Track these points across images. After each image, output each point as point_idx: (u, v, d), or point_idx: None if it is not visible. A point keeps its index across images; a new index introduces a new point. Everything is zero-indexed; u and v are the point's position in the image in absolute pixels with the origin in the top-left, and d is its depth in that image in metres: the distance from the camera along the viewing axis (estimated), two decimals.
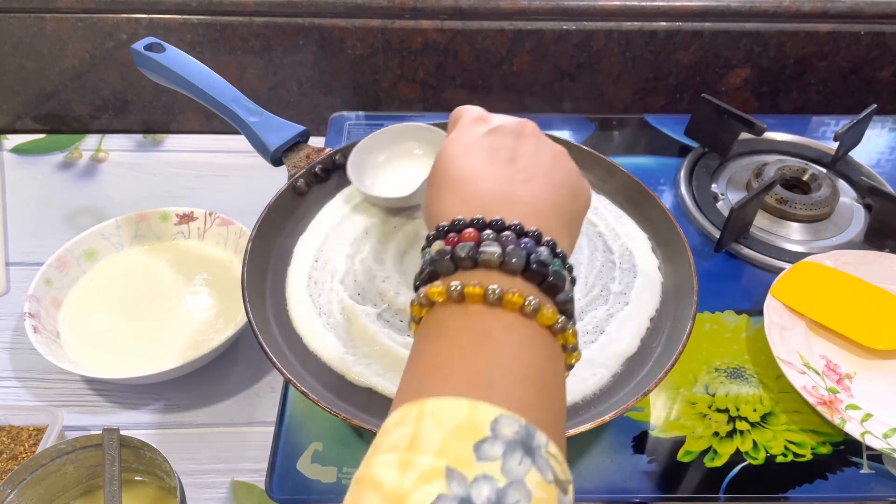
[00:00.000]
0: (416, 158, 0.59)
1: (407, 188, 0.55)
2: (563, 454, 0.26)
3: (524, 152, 0.36)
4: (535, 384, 0.27)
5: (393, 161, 0.59)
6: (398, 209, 0.57)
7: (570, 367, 0.32)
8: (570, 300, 0.31)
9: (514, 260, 0.29)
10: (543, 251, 0.30)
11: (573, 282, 0.32)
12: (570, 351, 0.31)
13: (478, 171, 0.34)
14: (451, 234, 0.31)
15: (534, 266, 0.29)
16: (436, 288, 0.29)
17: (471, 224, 0.31)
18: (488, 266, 0.30)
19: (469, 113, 0.40)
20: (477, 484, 0.23)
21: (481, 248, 0.30)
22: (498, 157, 0.35)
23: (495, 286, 0.28)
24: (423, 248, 0.33)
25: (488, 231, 0.30)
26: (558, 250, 0.31)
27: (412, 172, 0.58)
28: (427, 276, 0.31)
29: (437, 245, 0.31)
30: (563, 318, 0.30)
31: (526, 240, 0.30)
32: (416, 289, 0.32)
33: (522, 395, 0.26)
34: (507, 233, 0.30)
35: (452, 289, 0.29)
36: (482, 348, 0.28)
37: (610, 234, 0.57)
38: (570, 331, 0.30)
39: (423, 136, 0.58)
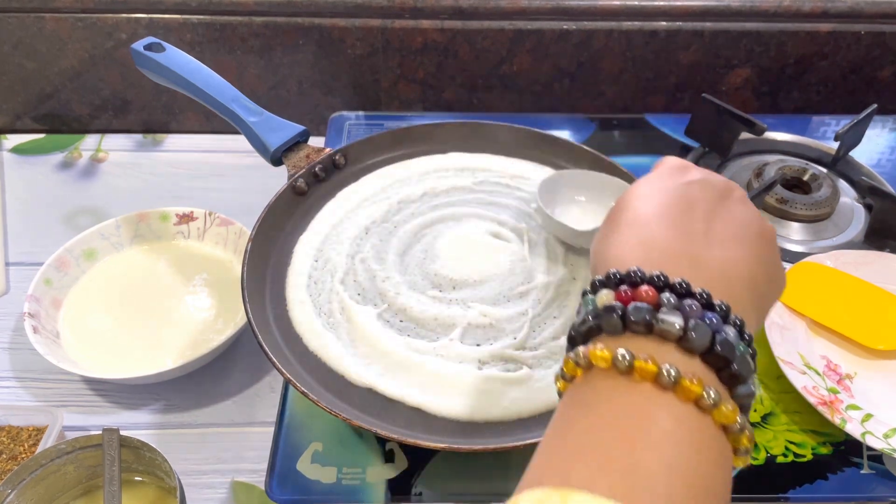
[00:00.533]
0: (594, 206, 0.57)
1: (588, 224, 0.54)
2: None
3: (724, 214, 0.31)
4: (694, 492, 0.23)
5: (581, 200, 0.58)
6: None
7: (734, 468, 0.26)
8: (752, 394, 0.26)
9: (696, 337, 0.25)
10: (731, 332, 0.26)
11: (755, 369, 0.27)
12: (741, 454, 0.26)
13: (666, 218, 0.30)
14: (624, 287, 0.27)
15: (718, 348, 0.25)
16: (601, 353, 0.25)
17: (650, 280, 0.27)
18: (665, 337, 0.25)
19: (673, 160, 0.36)
20: None
21: (660, 316, 0.25)
22: (693, 212, 0.31)
23: (670, 366, 0.24)
24: (586, 293, 0.29)
25: (668, 294, 0.26)
26: (746, 332, 0.27)
27: (586, 216, 0.57)
28: (588, 330, 0.27)
29: (606, 296, 0.27)
30: (742, 416, 0.25)
31: (711, 314, 0.26)
32: (573, 340, 0.28)
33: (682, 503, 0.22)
34: (690, 301, 0.26)
35: (621, 358, 0.25)
36: (645, 438, 0.23)
37: None
38: (748, 433, 0.25)
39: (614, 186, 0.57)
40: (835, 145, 0.71)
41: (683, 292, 0.26)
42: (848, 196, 0.69)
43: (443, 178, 0.61)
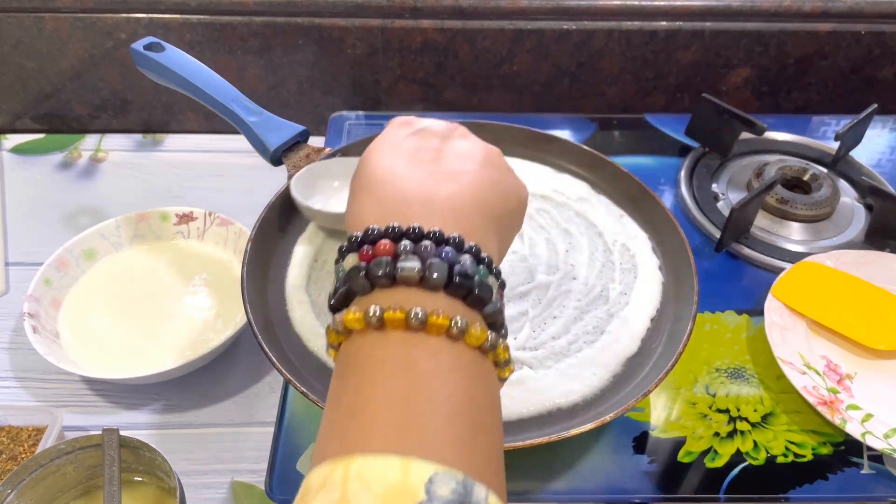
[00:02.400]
0: None
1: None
2: (502, 499, 0.24)
3: (449, 152, 0.34)
4: (469, 420, 0.25)
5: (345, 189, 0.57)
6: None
7: (503, 380, 0.29)
8: (499, 310, 0.28)
9: (435, 275, 0.26)
10: (466, 260, 0.27)
11: (502, 286, 0.30)
12: (502, 366, 0.28)
13: (395, 171, 0.32)
14: (366, 247, 0.28)
15: (457, 279, 0.27)
16: (353, 314, 0.26)
17: (386, 234, 0.28)
18: (408, 283, 0.27)
19: (398, 119, 0.38)
20: None
21: (399, 264, 0.27)
22: (420, 158, 0.33)
23: (418, 309, 0.25)
24: (336, 261, 0.30)
25: (405, 242, 0.27)
26: (483, 255, 0.28)
27: None
28: (342, 296, 0.28)
29: (351, 259, 0.28)
30: (493, 333, 0.27)
31: (447, 248, 0.27)
32: (332, 309, 0.29)
33: (456, 437, 0.24)
34: (425, 242, 0.27)
35: (371, 315, 0.26)
36: (408, 384, 0.25)
37: (610, 235, 0.56)
38: (501, 346, 0.27)
39: None
40: (835, 145, 0.71)
41: (417, 236, 0.28)
42: (848, 196, 0.69)
43: None
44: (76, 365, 0.57)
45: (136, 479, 0.50)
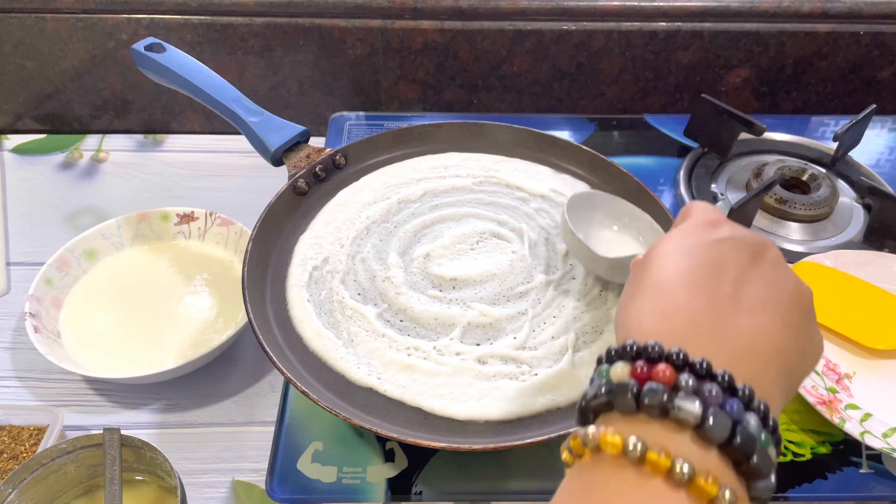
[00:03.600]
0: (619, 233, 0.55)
1: (619, 251, 0.52)
2: None
3: (757, 278, 0.29)
4: None
5: (605, 225, 0.55)
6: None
7: None
8: (772, 489, 0.24)
9: (715, 428, 0.23)
10: (752, 420, 0.24)
11: (777, 454, 0.26)
12: None
13: (692, 282, 0.28)
14: (640, 363, 0.25)
15: (738, 440, 0.23)
16: (610, 437, 0.24)
17: (668, 357, 0.25)
18: (680, 425, 0.24)
19: (701, 212, 0.33)
20: None
21: (677, 401, 0.24)
22: (722, 276, 0.29)
23: (685, 463, 0.23)
24: (601, 362, 0.27)
25: (687, 376, 0.24)
26: (771, 418, 0.25)
27: (615, 243, 0.54)
28: (599, 405, 0.26)
29: (621, 369, 0.26)
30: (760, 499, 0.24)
31: (732, 400, 0.24)
32: (583, 412, 0.27)
33: None
34: (710, 385, 0.24)
35: (631, 447, 0.23)
36: None
37: None
38: None
39: (634, 216, 0.54)
40: (834, 145, 0.71)
41: (704, 373, 0.25)
42: (847, 196, 0.69)
43: (443, 178, 0.61)
44: (77, 364, 0.57)
45: (137, 478, 0.50)
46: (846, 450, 0.49)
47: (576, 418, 0.27)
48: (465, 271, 0.52)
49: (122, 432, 0.47)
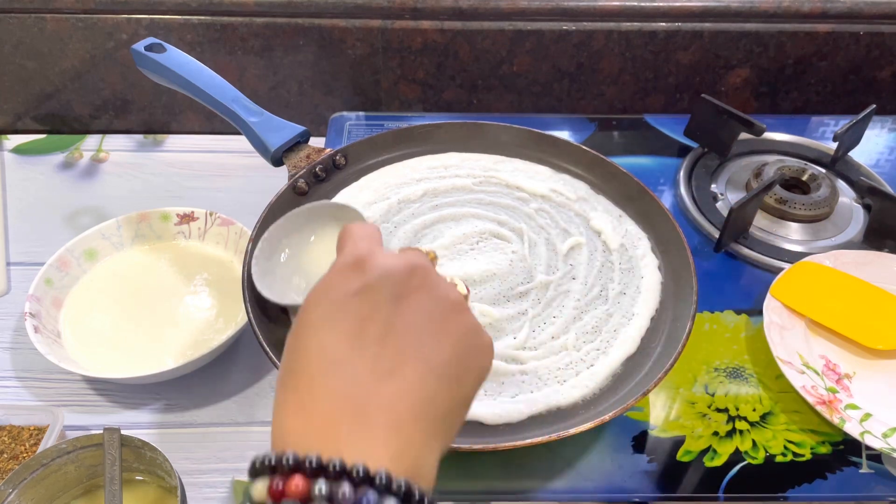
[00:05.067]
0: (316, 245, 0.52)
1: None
2: None
3: (401, 321, 0.28)
4: None
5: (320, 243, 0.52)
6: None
7: None
8: None
9: None
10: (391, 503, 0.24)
11: None
12: None
13: (331, 357, 0.27)
14: (277, 480, 0.24)
15: None
16: None
17: (300, 467, 0.24)
18: None
19: (347, 250, 0.31)
20: None
21: None
22: (363, 338, 0.27)
23: None
24: (250, 473, 0.26)
25: (320, 484, 0.24)
26: (415, 491, 0.24)
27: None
28: None
29: (260, 488, 0.25)
30: None
31: (369, 495, 0.24)
32: None
33: None
34: (344, 488, 0.24)
35: None
36: None
37: (609, 234, 0.57)
38: None
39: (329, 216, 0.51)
40: (834, 145, 0.71)
41: (338, 474, 0.24)
42: (847, 196, 0.69)
43: (443, 178, 0.61)
44: (77, 364, 0.57)
45: (137, 478, 0.50)
46: (846, 450, 0.49)
47: None
48: (464, 271, 0.52)
49: (122, 432, 0.47)
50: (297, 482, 0.24)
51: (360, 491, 0.24)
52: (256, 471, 0.25)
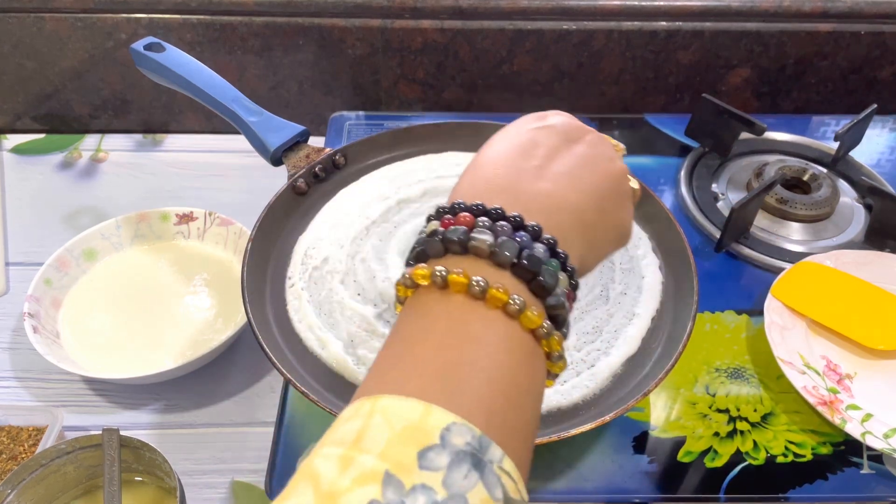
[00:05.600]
0: None
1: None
2: (521, 472, 0.24)
3: (568, 155, 0.33)
4: (504, 391, 0.25)
5: None
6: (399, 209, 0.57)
7: (554, 375, 0.29)
8: (562, 305, 0.28)
9: (505, 252, 0.27)
10: (539, 248, 0.28)
11: (574, 286, 0.29)
12: (554, 360, 0.28)
13: (501, 158, 0.33)
14: (447, 216, 0.29)
15: (525, 262, 0.27)
16: (421, 270, 0.28)
17: (469, 208, 0.29)
18: (478, 254, 0.28)
19: (537, 113, 0.37)
20: (414, 493, 0.21)
21: (472, 234, 0.28)
22: (532, 153, 0.33)
23: (480, 278, 0.26)
24: (427, 221, 0.31)
25: (484, 218, 0.29)
26: (560, 250, 0.29)
27: None
28: (415, 255, 0.29)
29: (433, 225, 0.30)
30: (550, 323, 0.27)
31: (522, 233, 0.28)
32: (407, 265, 0.30)
33: (486, 402, 0.24)
34: (502, 223, 0.28)
35: (437, 274, 0.27)
36: (456, 344, 0.26)
37: None
38: (556, 337, 0.27)
39: None
40: (835, 145, 0.71)
41: (497, 216, 0.29)
42: (848, 196, 0.69)
43: (443, 178, 0.61)
44: (76, 365, 0.57)
45: (136, 478, 0.50)
46: (847, 450, 0.49)
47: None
48: None
49: (122, 433, 0.47)
50: (465, 216, 0.29)
51: (517, 232, 0.28)
52: (431, 218, 0.30)
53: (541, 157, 0.33)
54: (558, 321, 0.28)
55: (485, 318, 0.26)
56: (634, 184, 0.38)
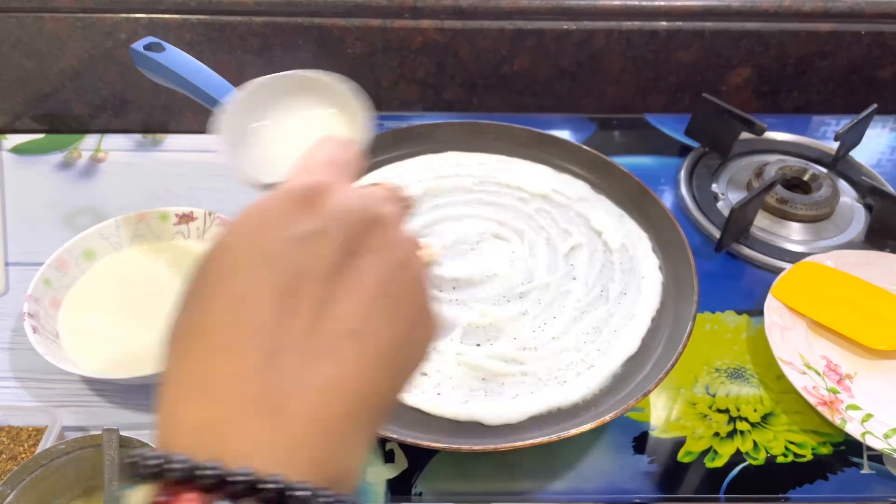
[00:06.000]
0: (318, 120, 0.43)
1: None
2: None
3: (347, 287, 0.21)
4: None
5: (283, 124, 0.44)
6: None
7: None
8: None
9: None
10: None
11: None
12: None
13: (249, 327, 0.20)
14: (162, 494, 0.18)
15: None
16: None
17: (192, 478, 0.18)
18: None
19: (299, 179, 0.24)
20: None
21: None
22: (295, 302, 0.21)
23: None
24: (130, 480, 0.20)
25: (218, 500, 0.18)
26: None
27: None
28: None
29: (143, 497, 0.19)
30: None
31: None
32: None
33: None
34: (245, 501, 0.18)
35: None
36: None
37: (610, 234, 0.56)
38: None
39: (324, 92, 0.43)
40: (835, 145, 0.71)
41: (244, 490, 0.18)
42: (848, 196, 0.69)
43: (443, 178, 0.61)
44: (76, 365, 0.57)
45: None
46: (847, 450, 0.49)
47: None
48: (465, 271, 0.52)
49: (122, 433, 0.47)
50: (191, 500, 0.18)
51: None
52: (139, 474, 0.19)
53: (309, 304, 0.21)
54: None
55: None
56: (430, 255, 0.30)
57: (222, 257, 0.22)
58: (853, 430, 0.48)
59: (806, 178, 0.68)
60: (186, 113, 0.86)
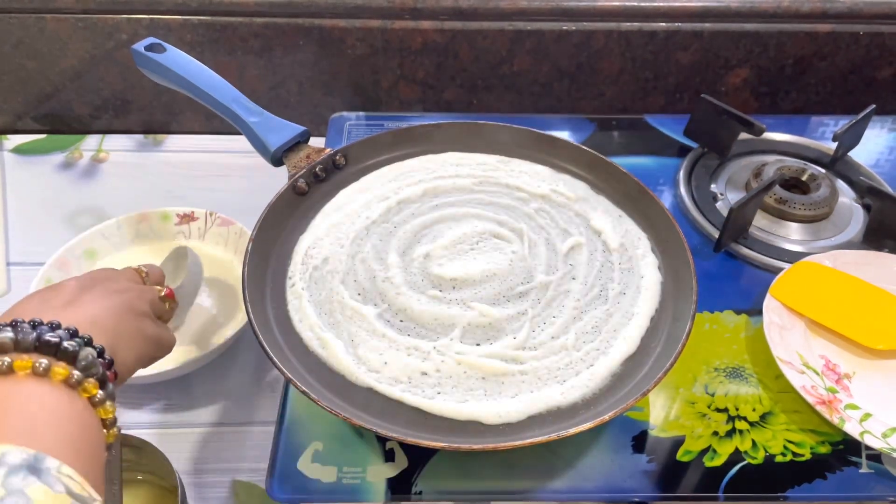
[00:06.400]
0: None
1: None
2: (86, 478, 0.31)
3: (82, 293, 0.42)
4: (54, 423, 0.33)
5: None
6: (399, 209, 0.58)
7: (111, 423, 0.37)
8: (94, 365, 0.36)
9: (22, 338, 0.35)
10: (61, 332, 0.36)
11: (109, 364, 0.38)
12: (97, 404, 0.36)
13: (33, 297, 0.42)
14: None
15: (45, 339, 0.35)
16: None
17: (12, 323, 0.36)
18: (5, 350, 0.34)
19: (100, 272, 0.48)
20: None
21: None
22: (54, 298, 0.42)
23: (7, 358, 0.34)
24: None
25: (6, 327, 0.35)
26: (82, 334, 0.37)
27: None
28: None
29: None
30: (80, 374, 0.35)
31: (42, 327, 0.36)
32: None
33: (39, 431, 0.32)
34: (23, 324, 0.35)
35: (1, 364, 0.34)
36: (9, 407, 0.33)
37: (609, 234, 0.57)
38: (87, 384, 0.35)
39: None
40: (833, 146, 0.71)
41: (15, 322, 0.36)
42: (847, 196, 0.69)
43: (443, 178, 0.61)
44: None
45: (137, 478, 0.50)
46: (846, 450, 0.49)
47: None
48: (464, 271, 0.52)
49: (122, 432, 0.47)
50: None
51: (35, 329, 0.35)
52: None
53: (61, 300, 0.41)
54: (98, 378, 0.36)
55: (26, 386, 0.34)
56: (157, 289, 0.51)
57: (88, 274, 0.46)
58: (852, 429, 0.48)
59: (804, 178, 0.68)
60: (187, 113, 0.86)
